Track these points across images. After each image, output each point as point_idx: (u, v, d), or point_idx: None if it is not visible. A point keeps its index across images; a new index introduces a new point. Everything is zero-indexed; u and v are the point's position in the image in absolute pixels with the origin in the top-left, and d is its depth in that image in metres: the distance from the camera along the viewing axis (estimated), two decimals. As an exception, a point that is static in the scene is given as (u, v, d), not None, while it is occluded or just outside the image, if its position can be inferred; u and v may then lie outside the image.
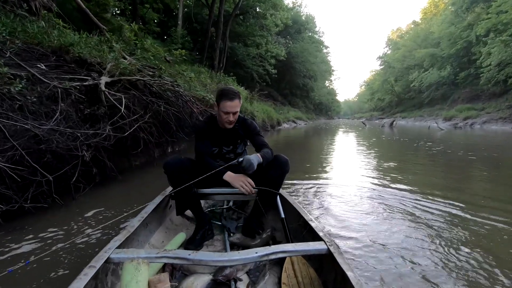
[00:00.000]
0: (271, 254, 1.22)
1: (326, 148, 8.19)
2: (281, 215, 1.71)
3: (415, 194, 3.15)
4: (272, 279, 1.42)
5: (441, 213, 2.57)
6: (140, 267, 1.10)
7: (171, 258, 1.18)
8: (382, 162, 5.39)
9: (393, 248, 1.92)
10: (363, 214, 2.55)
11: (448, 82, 31.60)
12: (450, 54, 30.83)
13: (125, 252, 1.20)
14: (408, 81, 39.03)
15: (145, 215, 1.66)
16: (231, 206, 2.35)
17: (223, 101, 1.72)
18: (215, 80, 11.78)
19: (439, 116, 26.14)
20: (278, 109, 22.86)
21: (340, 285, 1.18)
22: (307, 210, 2.60)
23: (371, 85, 63.50)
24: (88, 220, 2.30)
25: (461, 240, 2.05)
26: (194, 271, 1.46)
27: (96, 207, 2.52)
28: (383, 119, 38.18)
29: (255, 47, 21.61)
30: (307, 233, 1.55)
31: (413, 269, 1.66)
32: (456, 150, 7.19)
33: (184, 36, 16.64)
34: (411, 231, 2.20)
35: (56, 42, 3.73)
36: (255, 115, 12.09)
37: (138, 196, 2.84)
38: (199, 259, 1.17)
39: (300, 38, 33.22)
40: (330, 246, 1.26)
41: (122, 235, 1.37)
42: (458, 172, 4.63)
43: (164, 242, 1.79)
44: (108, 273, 1.25)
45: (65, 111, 2.59)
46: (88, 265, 1.10)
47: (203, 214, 1.87)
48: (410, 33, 47.77)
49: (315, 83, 39.50)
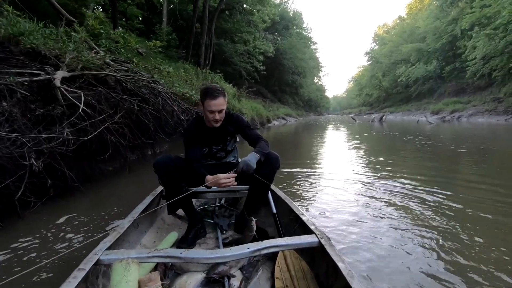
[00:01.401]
0: (263, 249, 1.22)
1: (319, 145, 7.97)
2: (273, 210, 1.74)
3: (410, 186, 3.13)
4: (265, 274, 1.42)
5: (435, 206, 2.56)
6: (130, 267, 1.07)
7: (162, 257, 1.17)
8: (374, 157, 5.18)
9: (384, 238, 1.96)
10: (357, 207, 2.56)
11: (434, 76, 32.09)
12: (436, 48, 31.26)
13: (115, 253, 1.19)
14: (396, 76, 39.55)
15: (136, 216, 1.62)
16: (222, 204, 2.36)
17: (207, 100, 1.69)
18: (200, 77, 11.30)
19: (427, 110, 26.47)
20: (267, 106, 22.57)
21: (332, 276, 1.19)
22: (301, 205, 2.67)
23: (359, 80, 64.08)
24: (32, 243, 1.87)
25: (450, 229, 2.09)
26: (187, 269, 1.44)
27: (45, 226, 2.08)
28: (371, 114, 38.52)
29: (243, 44, 21.21)
30: (299, 227, 1.55)
31: (403, 258, 1.70)
32: (448, 143, 7.06)
33: (170, 33, 16.18)
34: (400, 222, 2.24)
35: (4, 32, 3.20)
36: (243, 112, 11.73)
37: (103, 209, 2.44)
38: (191, 257, 1.16)
39: (288, 34, 33.00)
40: (321, 239, 1.27)
41: (112, 236, 1.35)
42: (453, 165, 4.45)
43: (156, 242, 1.77)
44: (98, 275, 1.22)
45: (7, 112, 2.17)
46: (77, 267, 1.06)
47: (195, 213, 1.86)
48: (396, 28, 48.30)
49: (304, 79, 39.36)
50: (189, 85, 7.05)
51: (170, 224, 2.05)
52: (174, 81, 5.46)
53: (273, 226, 1.76)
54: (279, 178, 3.52)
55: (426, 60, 33.18)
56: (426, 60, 33.25)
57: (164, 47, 14.65)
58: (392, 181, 3.39)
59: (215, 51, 18.77)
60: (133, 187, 3.25)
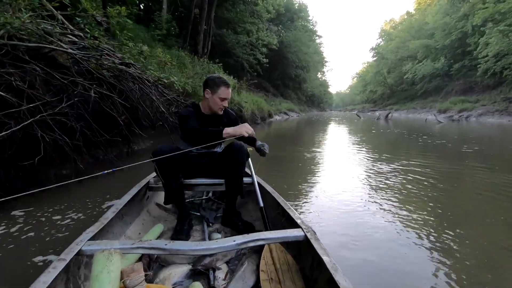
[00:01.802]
0: (249, 242, 1.21)
1: (327, 144, 7.35)
2: (260, 204, 1.74)
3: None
4: (251, 267, 1.41)
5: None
6: (112, 257, 1.02)
7: (146, 248, 1.15)
8: (390, 161, 4.59)
9: (379, 236, 1.98)
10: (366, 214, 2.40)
11: (441, 74, 31.36)
12: (445, 45, 30.45)
13: (98, 243, 1.16)
14: (401, 73, 38.89)
15: (120, 207, 1.61)
16: (210, 197, 2.35)
17: (222, 88, 1.81)
18: (197, 66, 10.61)
19: (433, 108, 25.83)
20: (269, 100, 21.98)
21: (316, 269, 1.19)
22: (299, 200, 2.69)
23: (364, 77, 63.48)
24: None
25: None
26: (172, 262, 1.43)
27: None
28: (375, 111, 38.05)
29: (246, 35, 20.47)
30: (285, 221, 1.56)
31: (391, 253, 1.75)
32: (469, 146, 6.45)
33: (169, 21, 15.50)
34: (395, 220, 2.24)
35: None
36: (243, 106, 11.10)
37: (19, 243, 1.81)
38: (176, 248, 1.15)
39: (292, 26, 32.21)
40: (307, 233, 1.27)
41: (95, 227, 1.32)
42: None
43: (141, 234, 1.75)
44: (81, 266, 1.20)
45: None
46: (58, 258, 1.04)
47: (185, 205, 1.88)
48: (404, 24, 47.32)
49: (307, 74, 38.67)
50: (180, 73, 6.28)
51: (156, 216, 2.02)
52: (149, 63, 4.52)
53: (260, 220, 1.75)
54: (279, 175, 3.28)
55: (434, 57, 32.43)
56: (434, 57, 32.49)
57: (164, 36, 14.04)
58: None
59: (216, 42, 18.08)
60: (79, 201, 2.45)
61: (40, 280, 0.92)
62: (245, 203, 2.15)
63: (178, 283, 1.31)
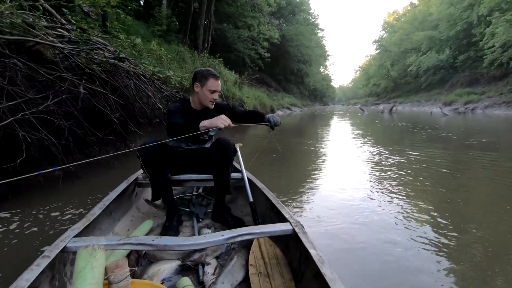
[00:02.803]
0: (238, 236, 1.21)
1: (332, 139, 7.19)
2: (250, 199, 1.75)
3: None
4: (240, 261, 1.40)
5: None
6: (96, 253, 0.99)
7: (133, 244, 1.12)
8: (398, 153, 4.44)
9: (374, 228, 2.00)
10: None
11: (446, 66, 30.90)
12: (449, 36, 29.95)
13: (84, 240, 1.13)
14: (405, 65, 38.42)
15: (107, 203, 1.58)
16: (200, 193, 2.34)
17: (211, 80, 1.78)
18: (197, 61, 10.41)
19: (438, 101, 25.47)
20: (272, 95, 21.77)
21: (304, 263, 1.21)
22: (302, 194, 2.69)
23: (367, 70, 62.92)
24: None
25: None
26: (161, 257, 1.42)
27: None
28: (379, 104, 37.72)
29: (247, 29, 20.18)
30: (274, 216, 1.58)
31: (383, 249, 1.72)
32: (475, 138, 6.26)
33: (169, 17, 15.29)
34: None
35: None
36: (245, 101, 10.93)
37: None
38: (164, 244, 1.12)
39: (294, 20, 31.73)
40: (295, 227, 1.28)
41: (81, 223, 1.30)
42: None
43: (129, 230, 1.73)
44: (66, 263, 1.18)
45: None
46: (42, 255, 1.01)
47: (175, 201, 1.85)
48: (407, 16, 46.56)
49: (309, 68, 38.24)
50: (180, 68, 6.09)
51: (145, 213, 1.99)
52: (145, 57, 4.25)
53: (249, 215, 1.77)
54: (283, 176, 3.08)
55: (438, 49, 31.92)
56: (438, 48, 31.97)
57: (164, 32, 13.86)
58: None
59: (217, 37, 17.86)
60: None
61: (23, 277, 0.90)
62: (235, 198, 2.16)
63: (167, 279, 1.31)
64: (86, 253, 1.00)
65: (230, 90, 10.32)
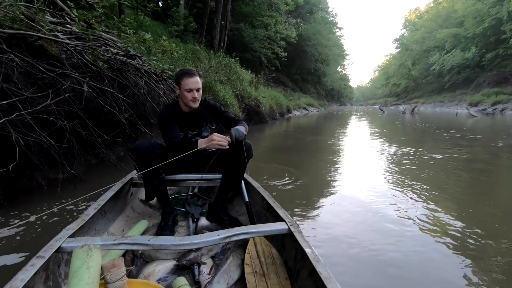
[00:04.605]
0: (234, 235, 1.22)
1: (355, 142, 6.91)
2: (245, 199, 1.75)
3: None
4: (235, 261, 1.39)
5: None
6: (92, 252, 0.98)
7: (129, 244, 1.12)
8: (428, 155, 4.14)
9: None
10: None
11: (472, 65, 29.53)
12: (476, 33, 28.55)
13: (79, 240, 1.13)
14: (427, 64, 37.21)
15: (102, 203, 1.57)
16: (196, 193, 2.34)
17: (185, 79, 1.74)
18: (213, 61, 10.33)
19: (462, 101, 24.39)
20: (288, 95, 21.49)
21: (299, 262, 1.21)
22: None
23: (386, 69, 61.57)
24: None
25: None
26: (157, 257, 1.41)
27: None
28: (399, 105, 36.71)
29: (263, 28, 19.99)
30: (270, 215, 1.59)
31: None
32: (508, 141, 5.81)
33: (187, 17, 15.37)
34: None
35: None
36: (261, 101, 10.75)
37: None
38: (159, 244, 1.13)
39: (312, 19, 31.26)
40: (290, 226, 1.28)
41: (76, 224, 1.29)
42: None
43: (124, 230, 1.73)
44: (61, 264, 1.17)
45: None
46: (36, 255, 1.01)
47: (170, 201, 1.85)
48: (430, 13, 44.93)
49: (327, 67, 37.53)
50: (195, 67, 5.97)
51: (140, 213, 1.99)
52: (153, 52, 4.05)
53: (245, 215, 1.77)
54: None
55: (464, 47, 30.56)
56: (464, 46, 30.61)
57: (181, 32, 13.94)
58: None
59: (233, 36, 17.80)
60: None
61: (18, 278, 0.89)
62: (231, 198, 2.15)
63: (162, 278, 1.31)
64: (82, 252, 0.99)
65: (246, 89, 10.18)
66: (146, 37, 3.18)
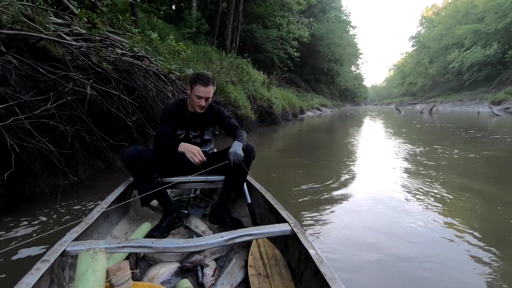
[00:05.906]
0: (237, 237, 1.21)
1: (376, 145, 6.67)
2: (248, 201, 1.75)
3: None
4: (239, 262, 1.39)
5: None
6: (97, 256, 0.99)
7: (133, 247, 1.13)
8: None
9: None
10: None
11: (494, 62, 28.33)
12: (498, 29, 27.44)
13: (83, 243, 1.13)
14: (445, 62, 36.10)
15: (105, 206, 1.57)
16: (198, 195, 2.34)
17: (198, 86, 1.75)
18: (224, 62, 10.25)
19: (484, 100, 23.37)
20: (301, 96, 21.23)
21: (303, 263, 1.22)
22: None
23: (402, 68, 60.24)
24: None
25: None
26: (160, 260, 1.42)
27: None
28: (415, 104, 35.73)
29: (276, 29, 19.85)
30: (273, 216, 1.59)
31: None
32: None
33: (199, 19, 15.44)
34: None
35: None
36: (273, 102, 10.60)
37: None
38: (163, 246, 1.13)
39: (325, 18, 30.83)
40: (294, 227, 1.28)
41: (80, 227, 1.30)
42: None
43: (127, 233, 1.74)
44: (65, 268, 1.18)
45: None
46: (41, 259, 1.01)
47: (170, 203, 1.86)
48: (448, 9, 43.54)
49: (340, 67, 36.92)
50: (206, 68, 5.84)
51: (143, 215, 1.99)
52: (160, 52, 3.86)
53: (248, 216, 1.77)
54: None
55: (485, 43, 29.40)
56: (485, 43, 29.46)
57: (193, 34, 14.00)
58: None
59: (245, 37, 17.75)
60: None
61: (23, 282, 0.89)
62: (233, 200, 2.14)
63: (166, 281, 1.31)
64: (87, 256, 0.99)
65: (258, 90, 10.07)
66: (152, 37, 3.09)
